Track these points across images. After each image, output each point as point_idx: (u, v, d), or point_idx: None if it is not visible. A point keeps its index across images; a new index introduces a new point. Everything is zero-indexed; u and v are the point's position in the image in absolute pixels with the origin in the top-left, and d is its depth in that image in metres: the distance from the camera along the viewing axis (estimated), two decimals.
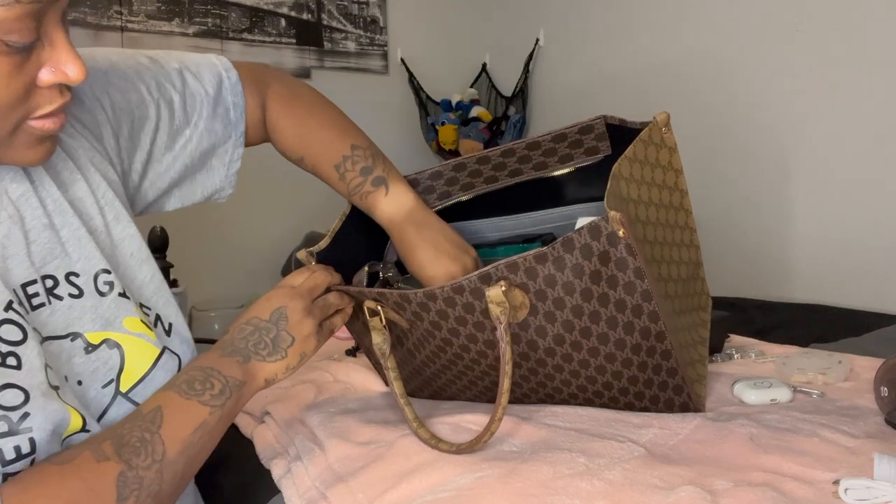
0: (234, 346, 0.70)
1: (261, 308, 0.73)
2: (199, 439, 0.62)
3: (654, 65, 2.60)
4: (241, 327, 0.72)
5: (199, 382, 0.65)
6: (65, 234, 0.65)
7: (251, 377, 0.69)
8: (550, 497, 0.62)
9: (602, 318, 0.74)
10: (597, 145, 0.91)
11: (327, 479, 0.72)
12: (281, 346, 0.71)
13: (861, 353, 1.13)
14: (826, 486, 0.63)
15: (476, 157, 0.93)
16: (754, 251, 2.31)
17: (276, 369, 0.71)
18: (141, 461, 0.57)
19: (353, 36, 3.17)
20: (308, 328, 0.73)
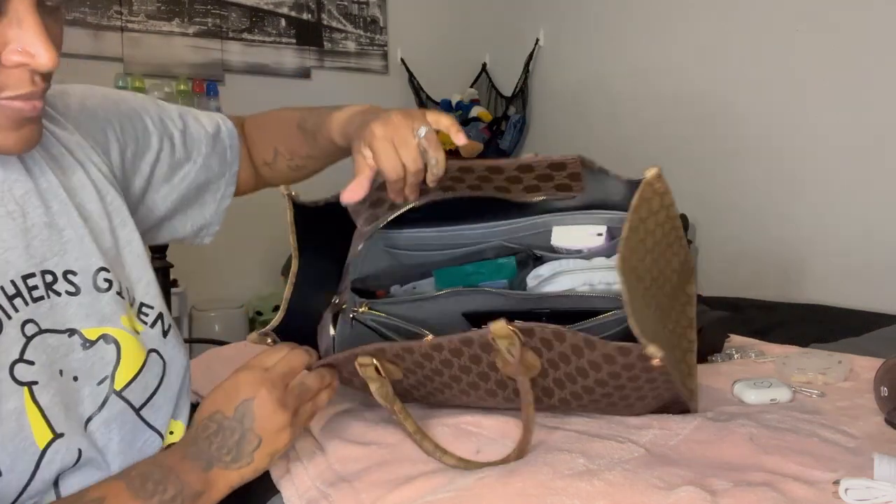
0: (197, 447, 0.63)
1: (226, 399, 0.65)
2: None
3: (654, 64, 2.60)
4: (204, 424, 0.64)
5: (153, 482, 0.60)
6: (67, 234, 0.66)
7: (211, 486, 0.62)
8: (550, 497, 0.62)
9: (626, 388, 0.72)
10: (569, 184, 0.81)
11: (329, 478, 0.72)
12: (246, 449, 0.64)
13: (861, 353, 1.13)
14: (826, 486, 0.63)
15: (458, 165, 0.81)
16: (754, 251, 2.31)
17: (241, 476, 0.64)
18: None
19: (353, 36, 3.17)
20: (279, 422, 0.65)
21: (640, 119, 2.63)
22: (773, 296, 2.14)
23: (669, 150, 2.55)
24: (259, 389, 0.64)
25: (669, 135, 2.55)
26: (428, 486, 0.66)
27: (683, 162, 2.50)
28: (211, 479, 0.62)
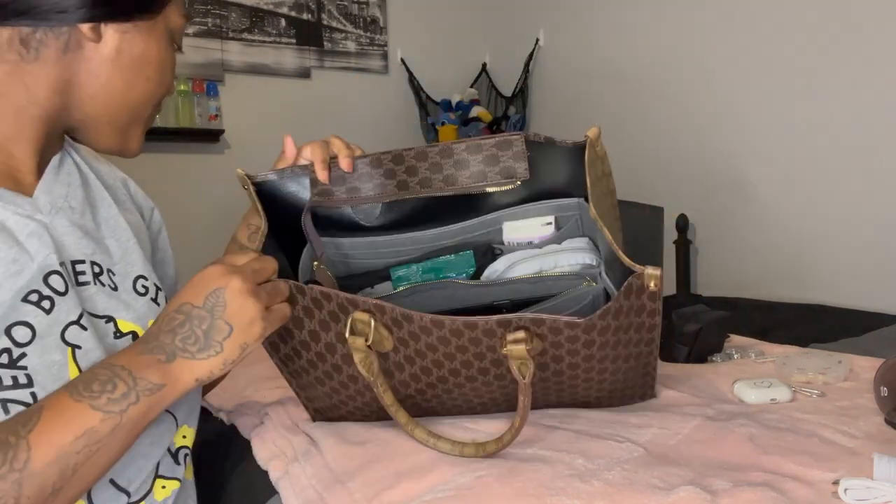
0: (157, 341, 0.61)
1: (194, 290, 0.63)
2: (82, 448, 0.54)
3: (654, 64, 2.60)
4: (170, 316, 0.62)
5: (100, 383, 0.57)
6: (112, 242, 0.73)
7: (174, 379, 0.60)
8: (550, 497, 0.62)
9: (609, 356, 0.73)
10: (513, 166, 0.81)
11: (324, 478, 0.71)
12: (215, 338, 0.61)
13: (861, 353, 1.13)
14: (826, 486, 0.63)
15: (414, 151, 0.82)
16: (754, 251, 2.31)
17: (211, 366, 0.61)
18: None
19: (353, 36, 3.17)
20: (251, 311, 0.63)
21: (640, 119, 2.63)
22: (773, 296, 2.14)
23: (670, 149, 2.55)
24: (231, 279, 0.62)
25: (670, 134, 2.55)
26: (427, 484, 0.66)
27: (684, 161, 2.50)
28: (173, 370, 0.60)
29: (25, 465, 0.52)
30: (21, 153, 0.67)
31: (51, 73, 0.66)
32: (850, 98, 2.02)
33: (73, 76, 0.67)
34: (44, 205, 0.67)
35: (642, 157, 2.58)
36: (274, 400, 0.95)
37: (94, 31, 0.66)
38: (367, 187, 0.84)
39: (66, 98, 0.68)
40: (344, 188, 0.84)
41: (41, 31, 0.64)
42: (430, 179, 0.83)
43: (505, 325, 0.66)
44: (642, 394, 0.86)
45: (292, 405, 0.91)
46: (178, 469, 0.73)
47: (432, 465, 0.69)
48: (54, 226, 0.67)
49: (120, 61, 0.68)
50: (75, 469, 0.54)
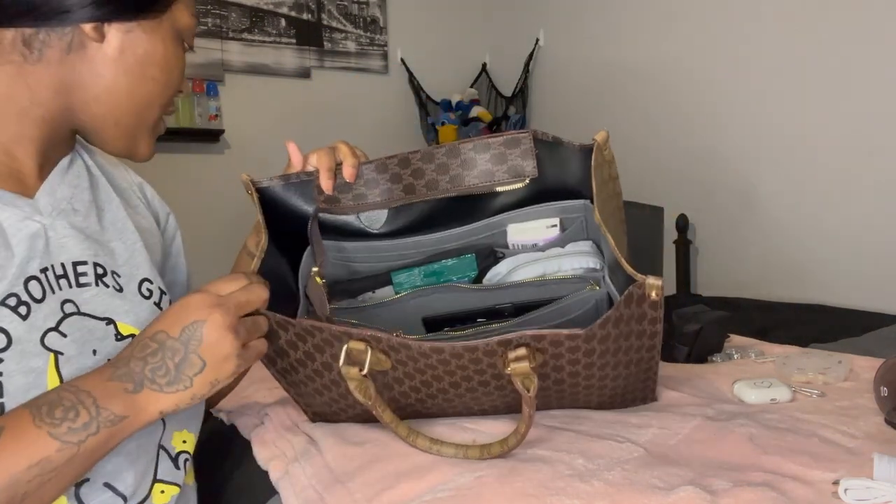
0: (127, 368, 0.60)
1: (172, 319, 0.62)
2: (34, 477, 0.53)
3: (653, 64, 2.60)
4: (144, 343, 0.61)
5: (63, 409, 0.55)
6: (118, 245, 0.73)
7: (139, 410, 0.59)
8: (550, 497, 0.62)
9: (609, 365, 0.73)
10: (521, 164, 0.81)
11: (324, 478, 0.71)
12: (186, 373, 0.60)
13: (861, 353, 1.13)
14: (826, 486, 0.63)
15: (420, 154, 0.83)
16: (754, 251, 2.31)
17: (177, 400, 0.60)
18: None
19: (353, 36, 3.17)
20: (227, 349, 0.62)
21: (641, 119, 2.63)
22: (773, 296, 2.14)
23: (670, 149, 2.55)
24: (212, 312, 0.61)
25: (670, 134, 2.55)
26: (427, 484, 0.66)
27: (684, 162, 2.50)
28: (139, 401, 0.59)
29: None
30: (24, 154, 0.67)
31: (54, 74, 0.66)
32: (850, 98, 2.02)
33: (77, 77, 0.66)
34: (44, 206, 0.67)
35: (642, 157, 2.58)
36: (274, 400, 0.95)
37: (97, 30, 0.66)
38: (374, 193, 0.84)
39: (71, 99, 0.67)
40: (350, 195, 0.84)
41: (44, 31, 0.64)
42: (437, 181, 0.83)
43: (506, 344, 0.66)
44: (643, 397, 0.85)
45: (292, 405, 0.91)
46: (178, 474, 0.73)
47: (432, 465, 0.69)
48: (54, 227, 0.67)
49: (124, 61, 0.67)
50: (24, 497, 0.54)
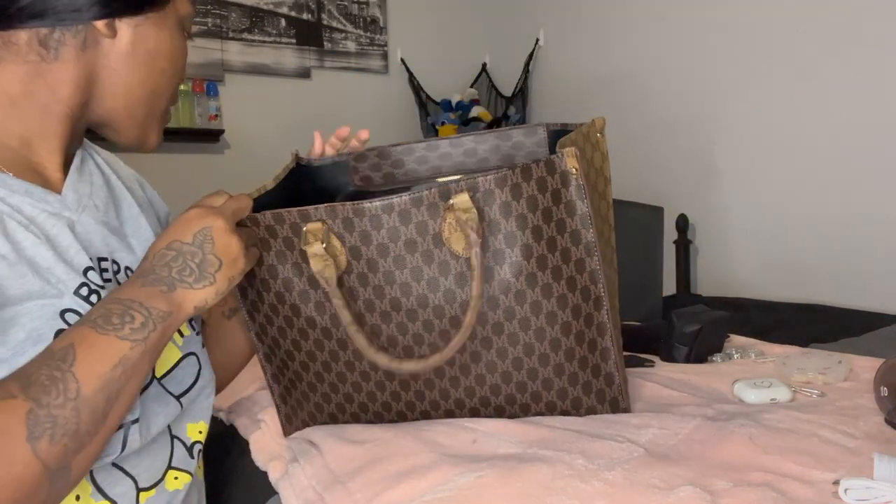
0: (156, 275, 0.64)
1: (182, 230, 0.66)
2: (119, 375, 0.58)
3: (653, 64, 2.60)
4: (161, 253, 0.65)
5: (118, 316, 0.60)
6: (132, 241, 0.76)
7: (177, 307, 0.64)
8: (550, 497, 0.62)
9: (548, 266, 0.73)
10: (536, 151, 0.92)
11: (324, 478, 0.71)
12: (208, 270, 0.65)
13: (861, 353, 1.13)
14: (826, 486, 0.63)
15: (425, 143, 0.95)
16: (754, 251, 2.31)
17: (205, 296, 0.65)
18: (52, 399, 0.54)
19: (353, 36, 3.17)
20: (235, 249, 0.67)
21: (640, 119, 2.63)
22: (773, 296, 2.14)
23: (670, 149, 2.55)
24: (215, 219, 0.67)
25: (670, 134, 2.55)
26: (427, 484, 0.66)
27: (683, 161, 2.50)
28: (177, 299, 0.63)
29: (78, 394, 0.56)
30: (47, 151, 0.70)
31: (72, 71, 0.68)
32: (851, 99, 2.02)
33: (93, 73, 0.69)
34: (72, 202, 0.70)
35: (643, 157, 2.58)
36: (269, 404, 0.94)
37: (109, 27, 0.68)
38: (400, 172, 0.94)
39: (89, 94, 0.70)
40: (381, 174, 0.94)
41: (58, 31, 0.67)
42: (464, 163, 0.94)
43: (446, 195, 0.70)
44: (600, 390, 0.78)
45: None
46: (191, 462, 0.75)
47: (432, 465, 0.69)
48: (82, 223, 0.69)
49: (136, 55, 0.71)
50: (117, 394, 0.58)
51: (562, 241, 0.72)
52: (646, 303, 1.75)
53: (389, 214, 0.71)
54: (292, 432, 0.85)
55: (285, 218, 0.73)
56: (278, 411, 0.86)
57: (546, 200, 0.71)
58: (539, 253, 0.72)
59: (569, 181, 0.71)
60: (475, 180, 0.70)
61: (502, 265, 0.72)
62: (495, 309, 0.74)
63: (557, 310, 0.74)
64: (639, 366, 1.08)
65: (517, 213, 0.71)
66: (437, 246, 0.72)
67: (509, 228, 0.71)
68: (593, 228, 0.73)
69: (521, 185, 0.71)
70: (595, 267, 0.74)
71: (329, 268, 0.72)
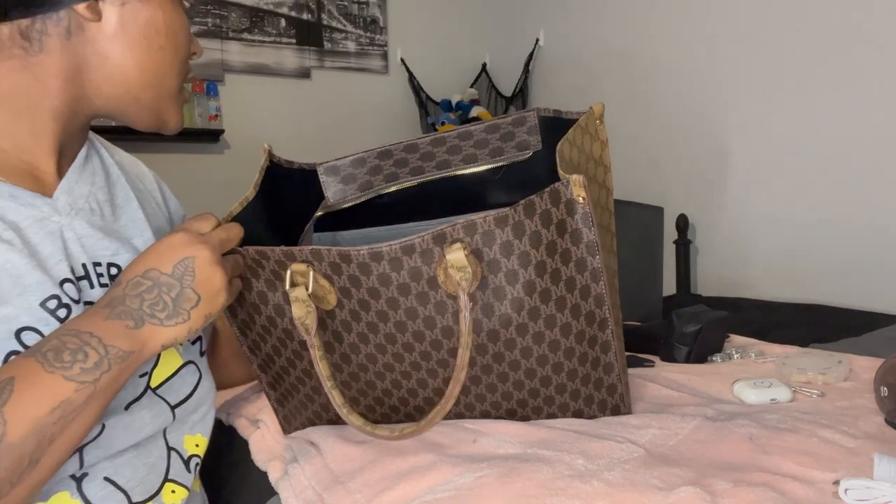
0: (125, 306, 0.59)
1: (161, 257, 0.62)
2: (57, 419, 0.54)
3: (653, 64, 2.60)
4: (136, 281, 0.60)
5: (70, 352, 0.55)
6: (135, 242, 0.73)
7: (142, 345, 0.59)
8: (550, 497, 0.62)
9: (552, 298, 0.69)
10: (527, 139, 0.86)
11: (324, 479, 0.71)
12: (183, 306, 0.61)
13: (861, 353, 1.13)
14: (826, 486, 0.63)
15: (403, 144, 0.86)
16: (754, 251, 2.31)
17: (176, 334, 0.61)
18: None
19: (353, 36, 3.17)
20: (217, 283, 0.63)
21: (640, 119, 2.63)
22: (773, 296, 2.14)
23: (670, 149, 2.55)
24: (200, 249, 0.62)
25: (669, 134, 2.55)
26: (427, 484, 0.66)
27: (683, 161, 2.50)
28: (142, 337, 0.59)
29: (2, 439, 0.51)
30: (41, 151, 0.66)
31: (58, 62, 0.64)
32: (852, 99, 2.02)
33: (82, 61, 0.65)
34: (63, 206, 0.67)
35: (643, 157, 2.58)
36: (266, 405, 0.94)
37: (92, 9, 0.64)
38: (378, 179, 0.87)
39: (82, 85, 0.66)
40: (355, 185, 0.87)
41: (39, 20, 0.63)
42: (449, 161, 0.87)
43: (441, 240, 0.65)
44: (602, 400, 0.78)
45: None
46: (188, 477, 0.73)
47: (432, 465, 0.69)
48: (73, 227, 0.67)
49: (126, 36, 0.66)
50: (52, 439, 0.54)
51: (566, 270, 0.69)
52: (646, 303, 1.74)
53: (378, 262, 0.66)
54: (292, 432, 0.84)
55: (269, 255, 0.69)
56: (276, 413, 0.85)
57: (550, 234, 0.67)
58: (542, 287, 0.69)
59: (574, 209, 0.67)
60: (473, 222, 0.65)
61: (503, 301, 0.69)
62: (495, 341, 0.71)
63: (560, 338, 0.71)
64: (639, 366, 1.08)
65: (519, 251, 0.67)
66: (432, 288, 0.68)
67: (511, 267, 0.67)
68: (600, 255, 0.69)
69: (523, 223, 0.66)
70: (601, 291, 0.70)
71: (311, 315, 0.69)
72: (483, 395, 0.75)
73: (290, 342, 0.75)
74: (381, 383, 0.75)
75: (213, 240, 0.64)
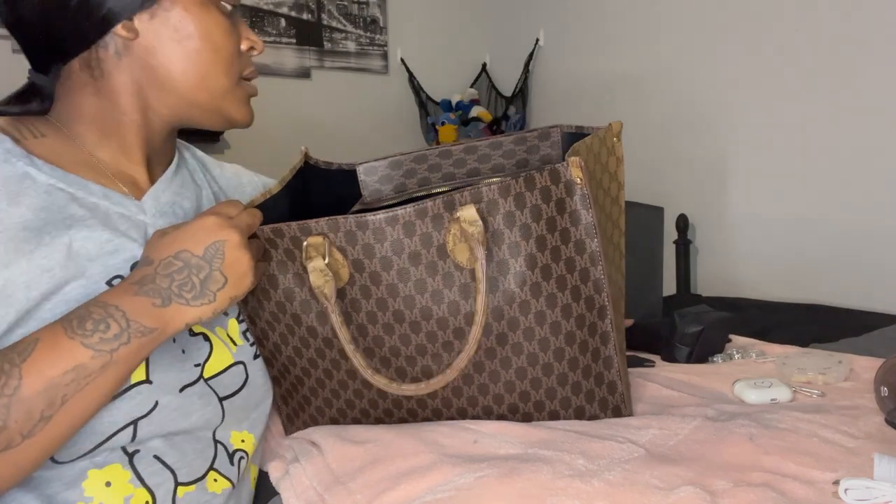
0: (154, 284, 0.62)
1: (194, 239, 0.65)
2: (70, 382, 0.57)
3: (653, 64, 2.60)
4: (168, 261, 0.63)
5: (93, 322, 0.59)
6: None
7: (166, 323, 0.62)
8: (550, 497, 0.62)
9: (552, 276, 0.72)
10: (550, 153, 0.92)
11: (325, 479, 0.71)
12: (210, 288, 0.64)
13: (861, 353, 1.13)
14: (826, 486, 0.63)
15: (438, 150, 0.91)
16: (754, 251, 2.31)
17: (201, 313, 0.64)
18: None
19: (353, 36, 3.17)
20: (245, 266, 0.66)
21: (640, 119, 2.63)
22: (773, 296, 2.14)
23: (669, 149, 2.55)
24: (231, 233, 0.65)
25: (669, 134, 2.55)
26: (427, 484, 0.66)
27: (683, 161, 2.50)
28: (167, 315, 0.62)
29: (15, 392, 0.56)
30: (131, 161, 0.74)
31: (120, 82, 0.71)
32: (851, 99, 2.02)
33: (138, 77, 0.71)
34: (149, 208, 0.73)
35: (642, 157, 2.58)
36: None
37: (128, 28, 0.69)
38: (412, 182, 0.92)
39: (145, 98, 0.72)
40: (391, 186, 0.93)
41: (93, 49, 0.70)
42: (479, 169, 0.92)
43: (450, 206, 0.69)
44: (603, 399, 0.78)
45: None
46: (231, 470, 0.75)
47: (432, 465, 0.69)
48: (156, 226, 0.72)
49: (162, 46, 0.71)
50: (64, 399, 0.58)
51: (566, 250, 0.72)
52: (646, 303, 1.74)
53: (393, 227, 0.70)
54: (294, 431, 0.85)
55: (285, 232, 0.72)
56: (279, 412, 0.85)
57: (550, 210, 0.70)
58: (543, 262, 0.71)
59: (573, 190, 0.70)
60: (479, 190, 0.69)
61: (506, 275, 0.72)
62: (499, 320, 0.73)
63: (561, 319, 0.73)
64: (639, 366, 1.08)
65: (521, 222, 0.70)
66: (441, 258, 0.71)
67: (513, 238, 0.71)
68: (598, 238, 0.71)
69: (524, 195, 0.70)
70: (599, 276, 0.73)
71: (329, 283, 0.71)
72: (486, 385, 0.76)
73: (299, 328, 0.77)
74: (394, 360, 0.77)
75: (241, 223, 0.67)
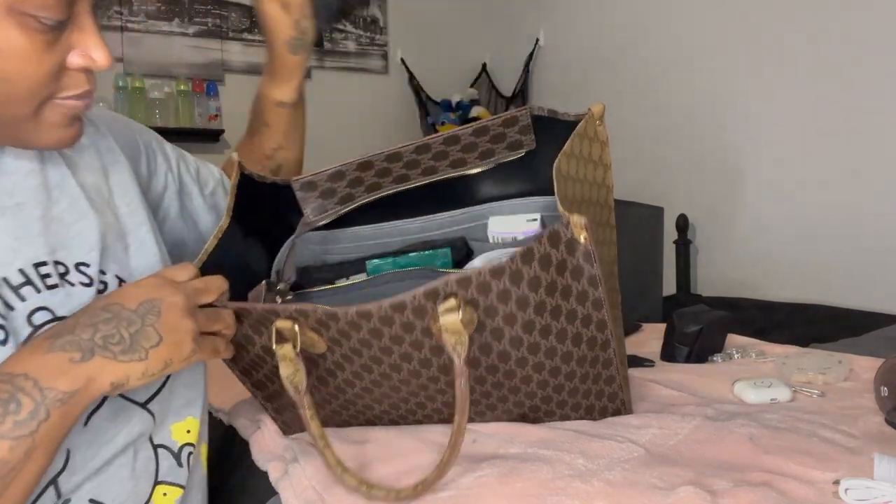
0: (73, 336, 0.54)
1: (127, 295, 0.58)
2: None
3: (653, 65, 2.60)
4: (93, 312, 0.56)
5: (2, 403, 0.49)
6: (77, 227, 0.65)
7: (89, 380, 0.53)
8: (550, 497, 0.62)
9: (552, 333, 0.68)
10: (520, 139, 0.83)
11: (324, 479, 0.71)
12: (142, 344, 0.55)
13: (861, 352, 1.13)
14: (826, 486, 0.63)
15: (385, 154, 0.81)
16: (754, 251, 2.31)
17: (129, 372, 0.55)
18: None
19: (353, 36, 3.17)
20: (185, 329, 0.58)
21: (640, 119, 2.63)
22: (773, 296, 2.14)
23: (669, 149, 2.55)
24: (171, 295, 0.58)
25: (670, 135, 2.55)
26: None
27: (683, 161, 2.50)
28: (89, 370, 0.53)
29: None
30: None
31: None
32: (852, 99, 2.02)
33: None
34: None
35: (642, 157, 2.58)
36: None
37: None
38: (359, 190, 0.84)
39: None
40: (335, 199, 0.84)
41: None
42: (435, 168, 0.83)
43: (433, 296, 0.62)
44: (603, 407, 0.77)
45: None
46: (180, 473, 0.69)
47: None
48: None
49: None
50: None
51: (567, 305, 0.67)
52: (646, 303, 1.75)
53: (368, 320, 0.64)
54: (291, 434, 0.84)
55: (251, 312, 0.65)
56: (275, 421, 0.84)
57: (549, 276, 0.64)
58: (542, 325, 0.67)
59: (575, 248, 0.63)
60: (467, 276, 0.61)
61: (501, 340, 0.67)
62: (494, 373, 0.70)
63: (562, 364, 0.70)
64: (639, 366, 1.08)
65: (517, 296, 0.64)
66: (426, 336, 0.65)
67: (508, 310, 0.65)
68: (602, 286, 0.66)
69: (520, 271, 0.63)
70: (603, 317, 0.68)
71: (299, 373, 0.65)
72: (483, 412, 0.76)
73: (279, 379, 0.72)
74: (378, 406, 0.75)
75: (187, 288, 0.60)
